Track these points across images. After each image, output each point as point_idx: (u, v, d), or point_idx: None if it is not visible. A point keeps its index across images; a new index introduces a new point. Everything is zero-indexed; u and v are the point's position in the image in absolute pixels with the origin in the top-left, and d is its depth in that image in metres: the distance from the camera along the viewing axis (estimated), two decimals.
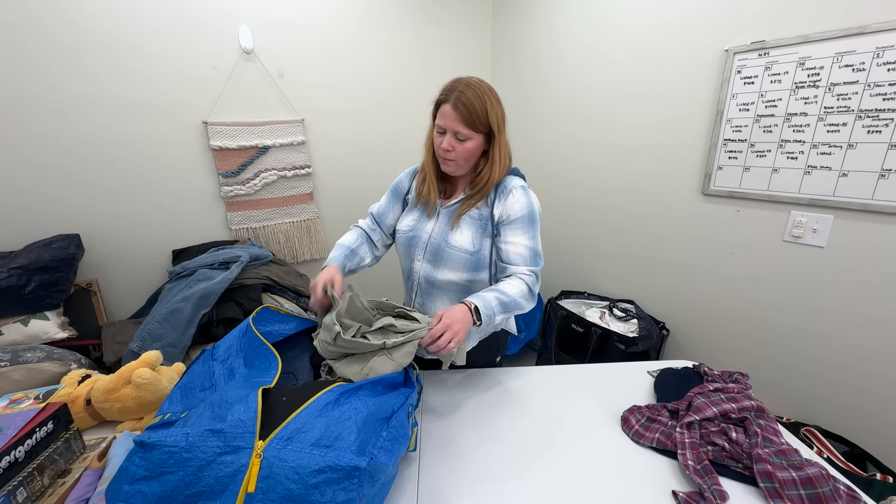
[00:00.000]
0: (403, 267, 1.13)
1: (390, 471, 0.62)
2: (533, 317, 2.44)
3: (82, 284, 1.60)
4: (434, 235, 1.02)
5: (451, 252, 0.99)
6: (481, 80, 0.96)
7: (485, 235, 1.00)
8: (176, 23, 1.59)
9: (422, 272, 1.05)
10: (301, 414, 0.59)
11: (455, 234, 1.00)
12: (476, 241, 0.99)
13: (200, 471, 0.51)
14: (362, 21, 2.03)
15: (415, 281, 1.07)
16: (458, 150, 0.95)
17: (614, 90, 1.89)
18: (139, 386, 0.86)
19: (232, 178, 1.83)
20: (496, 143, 0.97)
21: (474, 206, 1.01)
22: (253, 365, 0.82)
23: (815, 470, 0.70)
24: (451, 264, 1.00)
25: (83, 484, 0.66)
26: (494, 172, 0.99)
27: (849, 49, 1.22)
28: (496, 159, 0.98)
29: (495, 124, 0.95)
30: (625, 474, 0.79)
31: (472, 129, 0.93)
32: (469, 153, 0.96)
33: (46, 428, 0.68)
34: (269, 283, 1.68)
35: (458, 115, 0.91)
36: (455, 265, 1.00)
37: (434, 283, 1.04)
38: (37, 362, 1.17)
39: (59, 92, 1.45)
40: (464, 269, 1.01)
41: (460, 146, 0.94)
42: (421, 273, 1.05)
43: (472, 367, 1.11)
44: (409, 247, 1.07)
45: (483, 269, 1.02)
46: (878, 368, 1.30)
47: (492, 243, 1.01)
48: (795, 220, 1.40)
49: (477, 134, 0.95)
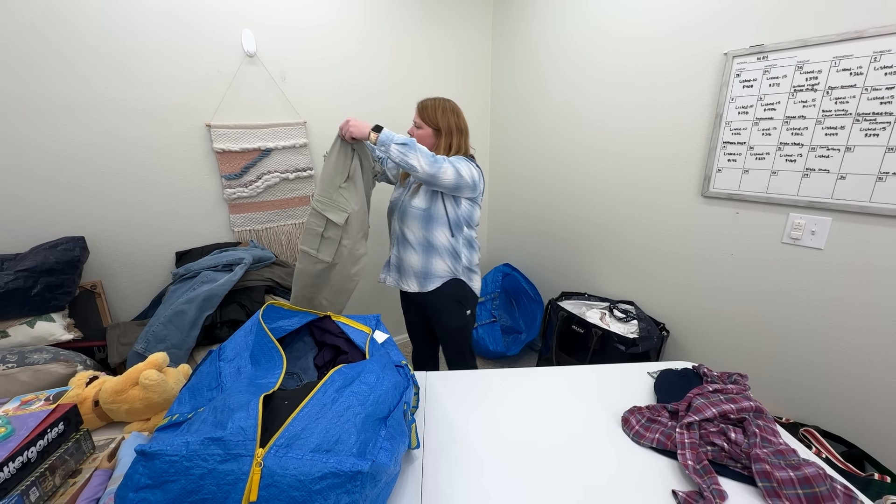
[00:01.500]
0: (389, 228, 1.59)
1: (391, 470, 0.63)
2: (533, 318, 2.45)
3: (87, 286, 1.61)
4: (403, 200, 1.47)
5: (411, 210, 1.43)
6: (450, 100, 1.47)
7: (434, 198, 1.41)
8: (179, 27, 1.60)
9: (397, 229, 1.50)
10: (298, 417, 0.60)
11: (415, 198, 1.43)
12: (427, 201, 1.41)
13: (202, 479, 0.51)
14: (366, 26, 2.04)
15: (393, 236, 1.54)
16: (415, 135, 1.43)
17: (613, 93, 1.90)
18: (147, 387, 0.87)
19: (235, 180, 1.84)
20: (442, 138, 1.43)
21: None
22: (259, 363, 0.83)
23: (813, 469, 0.71)
24: (410, 220, 1.43)
25: (93, 484, 0.68)
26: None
27: (846, 53, 1.23)
28: (442, 149, 1.43)
29: (444, 125, 1.42)
30: (625, 474, 0.80)
31: (424, 123, 1.43)
32: (421, 139, 1.42)
33: (57, 429, 0.70)
34: (271, 285, 1.69)
35: (417, 113, 1.45)
36: (413, 220, 1.43)
37: (404, 236, 1.46)
38: (43, 364, 1.18)
39: (61, 98, 1.46)
40: (420, 223, 1.42)
41: (416, 132, 1.44)
42: (397, 229, 1.50)
43: (441, 315, 1.54)
44: (392, 211, 1.54)
45: (439, 226, 1.42)
46: (876, 370, 1.32)
47: (442, 203, 1.41)
48: (794, 222, 1.41)
49: (427, 126, 1.43)
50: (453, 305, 1.52)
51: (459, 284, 1.50)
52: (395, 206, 1.51)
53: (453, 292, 1.50)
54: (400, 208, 1.47)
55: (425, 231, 1.42)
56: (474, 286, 1.55)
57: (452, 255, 1.46)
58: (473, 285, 1.54)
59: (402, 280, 1.52)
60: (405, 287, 1.52)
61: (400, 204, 1.47)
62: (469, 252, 1.51)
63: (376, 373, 0.75)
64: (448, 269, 1.47)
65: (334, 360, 1.01)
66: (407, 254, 1.48)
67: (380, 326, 1.02)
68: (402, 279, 1.52)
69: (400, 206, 1.47)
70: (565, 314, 1.99)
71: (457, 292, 1.50)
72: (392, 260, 1.56)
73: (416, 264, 1.47)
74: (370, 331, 0.99)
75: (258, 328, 0.88)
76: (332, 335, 1.01)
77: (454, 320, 1.54)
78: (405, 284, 1.52)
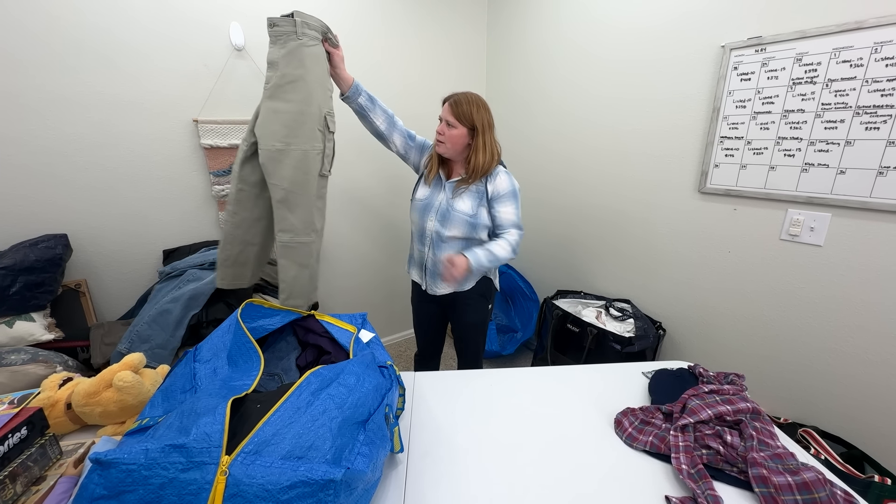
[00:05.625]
0: (416, 228, 1.47)
1: (369, 477, 0.60)
2: (529, 316, 2.42)
3: (71, 285, 1.57)
4: (443, 203, 1.38)
5: (456, 215, 1.35)
6: (478, 94, 1.34)
7: (481, 205, 1.35)
8: (165, 19, 1.56)
9: (434, 230, 1.39)
10: (269, 422, 0.57)
11: (458, 202, 1.35)
12: (474, 208, 1.35)
13: (162, 489, 0.48)
14: (357, 21, 2.00)
15: (428, 237, 1.42)
16: (447, 135, 1.32)
17: (608, 88, 1.87)
18: (121, 389, 0.84)
19: (223, 176, 1.81)
20: (479, 137, 1.32)
21: (473, 184, 1.35)
22: (237, 364, 0.80)
23: (812, 474, 0.68)
24: (455, 224, 1.35)
25: (57, 492, 0.64)
26: (479, 159, 1.32)
27: (846, 44, 1.20)
28: (479, 149, 1.32)
29: (479, 123, 1.30)
30: (617, 479, 0.77)
31: (458, 121, 1.30)
32: (455, 139, 1.32)
33: (20, 434, 0.66)
34: (260, 284, 1.66)
35: (450, 110, 1.31)
36: (458, 225, 1.35)
37: (443, 237, 1.38)
38: (21, 364, 1.15)
39: (45, 91, 1.42)
40: (464, 227, 1.35)
41: (449, 131, 1.31)
42: (433, 230, 1.40)
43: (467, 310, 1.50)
44: (425, 211, 1.42)
45: (481, 230, 1.37)
46: (876, 369, 1.29)
47: (487, 212, 1.36)
48: (793, 218, 1.38)
49: (461, 126, 1.30)
50: (479, 300, 1.50)
51: (487, 281, 1.50)
52: (428, 207, 1.40)
53: (482, 289, 1.49)
54: (440, 211, 1.38)
55: (469, 234, 1.37)
56: (496, 281, 1.54)
57: None
58: (496, 280, 1.54)
59: (435, 282, 1.46)
60: (437, 289, 1.45)
61: (439, 206, 1.38)
62: None
63: (357, 374, 0.72)
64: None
65: (318, 361, 0.97)
66: (443, 252, 1.39)
67: (366, 325, 0.99)
68: (434, 280, 1.45)
69: (440, 208, 1.38)
70: (561, 313, 1.96)
71: (483, 288, 1.49)
72: (420, 259, 1.48)
73: None
74: (355, 330, 0.95)
75: (236, 327, 0.85)
76: (315, 335, 0.97)
77: (476, 314, 1.52)
78: (437, 286, 1.45)
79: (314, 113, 1.17)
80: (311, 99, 1.16)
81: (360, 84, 1.37)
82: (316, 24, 1.19)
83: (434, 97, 2.30)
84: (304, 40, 1.15)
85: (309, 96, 1.15)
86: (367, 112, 1.39)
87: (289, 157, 1.15)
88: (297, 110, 1.15)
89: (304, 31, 1.15)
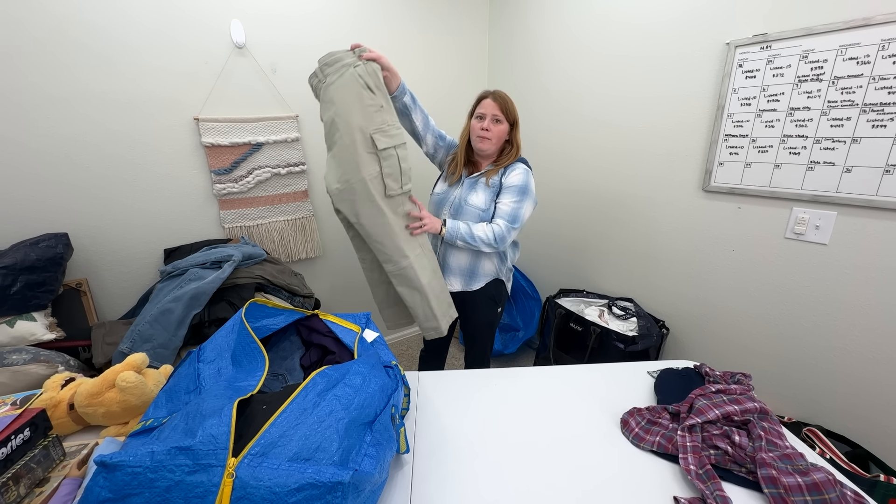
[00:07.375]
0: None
1: (376, 478, 0.59)
2: (531, 315, 2.41)
3: (72, 284, 1.57)
4: (457, 197, 1.39)
5: (468, 208, 1.36)
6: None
7: (493, 200, 1.35)
8: (165, 18, 1.55)
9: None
10: (276, 423, 0.56)
11: (472, 196, 1.36)
12: (487, 202, 1.35)
13: (168, 492, 0.47)
14: (359, 17, 1.99)
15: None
16: (493, 130, 1.32)
17: (612, 86, 1.86)
18: (124, 390, 0.83)
19: (225, 175, 1.80)
20: (516, 131, 1.37)
21: (490, 178, 1.36)
22: (241, 364, 0.79)
23: (822, 475, 0.68)
24: (467, 218, 1.36)
25: (61, 494, 0.64)
26: (513, 154, 1.38)
27: (853, 41, 1.19)
28: (515, 143, 1.38)
29: (515, 119, 1.36)
30: (624, 479, 0.77)
31: (504, 116, 1.32)
32: (500, 134, 1.34)
33: (23, 435, 0.65)
34: (262, 283, 1.65)
35: (497, 105, 1.32)
36: (469, 218, 1.35)
37: None
38: (22, 364, 1.14)
39: (45, 90, 1.41)
40: (476, 222, 1.34)
41: (495, 127, 1.32)
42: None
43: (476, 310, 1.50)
44: (440, 205, 1.43)
45: None
46: (881, 367, 1.28)
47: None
48: (798, 216, 1.38)
49: (506, 122, 1.33)
50: (488, 303, 1.51)
51: (499, 285, 1.50)
52: (444, 201, 1.42)
53: (492, 292, 1.49)
54: (454, 205, 1.38)
55: None
56: (508, 287, 1.56)
57: (500, 256, 1.46)
58: (508, 286, 1.55)
59: (445, 278, 1.44)
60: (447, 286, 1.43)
61: (454, 200, 1.39)
62: (513, 252, 1.51)
63: (362, 374, 0.71)
64: (494, 270, 1.46)
65: (322, 361, 0.97)
66: (453, 251, 1.41)
67: (370, 325, 0.98)
68: (444, 277, 1.43)
69: (454, 202, 1.39)
70: (563, 312, 1.96)
71: (494, 292, 1.49)
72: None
73: (464, 263, 1.42)
74: (360, 329, 0.95)
75: (240, 327, 0.84)
76: (319, 334, 0.97)
77: (486, 315, 1.53)
78: (448, 283, 1.44)
79: (357, 140, 1.11)
80: (348, 128, 1.11)
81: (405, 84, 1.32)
82: (333, 57, 1.14)
83: (436, 94, 2.31)
84: (329, 80, 1.12)
85: (347, 126, 1.11)
86: (409, 111, 1.35)
87: (348, 193, 1.15)
88: (341, 145, 1.13)
89: (325, 72, 1.14)
